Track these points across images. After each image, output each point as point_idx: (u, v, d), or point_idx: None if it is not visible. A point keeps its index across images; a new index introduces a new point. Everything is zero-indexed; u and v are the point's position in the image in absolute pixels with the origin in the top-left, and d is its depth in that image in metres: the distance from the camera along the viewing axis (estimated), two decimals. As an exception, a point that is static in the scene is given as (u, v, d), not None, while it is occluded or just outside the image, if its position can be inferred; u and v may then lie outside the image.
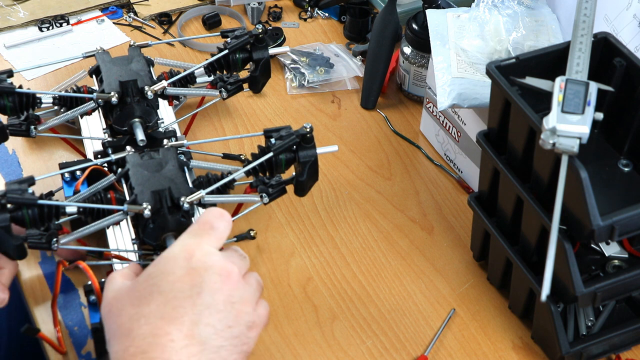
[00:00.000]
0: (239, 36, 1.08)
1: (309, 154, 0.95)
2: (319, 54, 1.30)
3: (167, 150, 0.94)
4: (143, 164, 0.93)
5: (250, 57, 1.09)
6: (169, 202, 0.89)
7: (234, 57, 1.08)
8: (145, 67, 1.05)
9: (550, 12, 1.09)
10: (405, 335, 0.97)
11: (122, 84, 1.01)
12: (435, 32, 1.08)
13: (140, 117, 1.02)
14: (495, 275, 1.00)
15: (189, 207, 0.89)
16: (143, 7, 1.39)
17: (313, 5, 1.40)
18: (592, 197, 0.79)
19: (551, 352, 0.94)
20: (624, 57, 0.91)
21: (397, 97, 1.27)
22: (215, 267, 0.76)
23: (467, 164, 1.12)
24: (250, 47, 1.08)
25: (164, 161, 0.93)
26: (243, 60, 1.09)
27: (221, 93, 1.08)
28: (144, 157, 0.94)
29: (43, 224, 0.89)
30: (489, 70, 0.89)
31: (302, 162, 0.95)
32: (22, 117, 1.04)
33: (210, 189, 0.92)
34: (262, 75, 1.10)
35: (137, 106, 1.02)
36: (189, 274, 0.75)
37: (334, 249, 1.06)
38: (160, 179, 0.91)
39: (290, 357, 0.95)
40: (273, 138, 0.95)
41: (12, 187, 0.89)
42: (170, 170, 0.92)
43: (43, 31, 1.33)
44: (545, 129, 0.81)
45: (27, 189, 0.89)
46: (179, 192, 0.89)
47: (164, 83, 1.03)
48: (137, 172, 0.92)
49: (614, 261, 0.95)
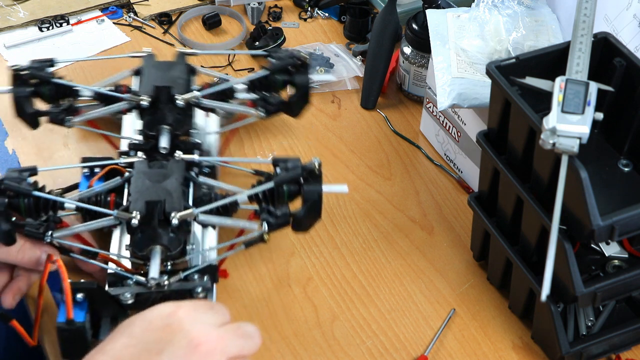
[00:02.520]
0: (282, 58, 1.05)
1: (313, 189, 0.92)
2: (319, 54, 1.30)
3: (176, 162, 0.93)
4: (148, 173, 0.92)
5: (291, 81, 1.05)
6: (161, 214, 0.88)
7: (274, 78, 1.04)
8: (184, 75, 1.03)
9: (550, 12, 1.09)
10: (405, 335, 0.97)
11: (156, 88, 0.99)
12: (435, 32, 1.08)
13: (170, 124, 1.00)
14: (495, 275, 1.00)
15: (178, 223, 0.87)
16: (143, 7, 1.39)
17: (313, 5, 1.40)
18: (592, 197, 0.79)
19: (551, 352, 0.94)
20: (624, 57, 0.91)
21: (397, 97, 1.27)
22: (190, 333, 0.72)
23: (467, 164, 1.12)
24: (293, 69, 1.05)
25: (169, 173, 0.92)
26: (283, 82, 1.05)
27: (259, 111, 1.05)
28: (153, 165, 0.93)
29: (39, 215, 0.90)
30: (489, 70, 0.89)
31: (305, 197, 0.92)
32: (62, 107, 1.03)
33: (203, 209, 0.91)
34: (301, 100, 1.06)
35: (169, 113, 0.99)
36: (163, 329, 0.73)
37: (334, 249, 1.06)
38: (159, 190, 0.90)
39: (290, 357, 0.95)
40: (279, 167, 0.94)
41: (12, 175, 0.90)
42: (171, 182, 0.91)
43: (43, 31, 1.33)
44: (545, 129, 0.81)
45: (27, 178, 0.90)
46: (172, 206, 0.88)
47: (196, 93, 1.01)
48: (139, 179, 0.92)
49: (614, 261, 0.95)
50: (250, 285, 1.01)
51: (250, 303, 0.99)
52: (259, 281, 1.02)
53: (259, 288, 1.01)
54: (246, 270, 1.02)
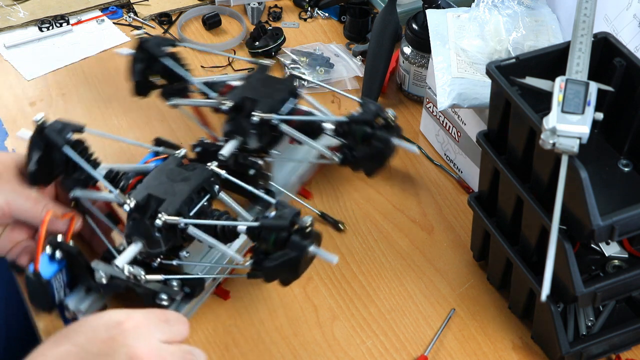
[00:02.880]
0: (367, 110, 1.00)
1: (298, 245, 0.84)
2: (319, 54, 1.30)
3: (202, 170, 0.93)
4: (170, 170, 0.92)
5: (371, 137, 0.99)
6: (154, 211, 0.88)
7: (354, 128, 0.99)
8: (282, 95, 1.02)
9: (550, 12, 1.09)
10: (405, 335, 0.97)
11: (242, 98, 1.00)
12: (435, 32, 1.08)
13: (243, 136, 1.00)
14: (495, 275, 1.00)
15: (161, 224, 0.87)
16: (143, 7, 1.39)
17: (313, 5, 1.40)
18: (592, 197, 0.79)
19: (551, 352, 0.94)
20: (624, 57, 0.91)
21: (397, 97, 1.27)
22: (131, 349, 0.73)
23: (467, 164, 1.12)
24: (378, 126, 0.99)
25: (189, 177, 0.92)
26: (363, 135, 0.99)
27: (334, 156, 1.01)
28: (180, 165, 0.94)
29: (68, 173, 0.94)
30: (489, 70, 0.89)
31: (284, 252, 0.84)
32: (175, 87, 1.08)
33: (192, 221, 0.89)
34: (376, 162, 1.00)
35: (247, 125, 0.99)
36: (105, 341, 0.73)
37: (334, 249, 1.06)
38: (167, 188, 0.90)
39: (290, 357, 0.95)
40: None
41: (56, 125, 0.94)
42: (183, 186, 0.91)
43: (43, 31, 1.33)
44: (545, 129, 0.81)
45: (69, 132, 0.94)
46: (167, 207, 0.88)
47: (273, 116, 1.00)
48: (158, 173, 0.93)
49: (614, 261, 0.95)
50: (251, 285, 1.01)
51: (250, 303, 0.99)
52: (259, 281, 1.01)
53: (259, 288, 1.01)
54: (246, 270, 1.03)
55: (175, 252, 0.93)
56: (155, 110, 1.20)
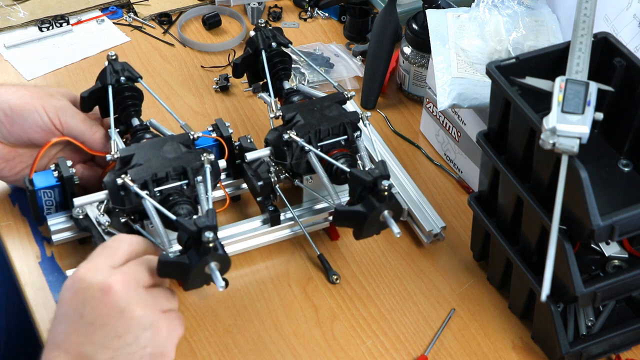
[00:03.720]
0: (369, 172, 0.92)
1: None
2: (319, 54, 1.30)
3: (195, 155, 0.95)
4: (171, 144, 0.95)
5: (365, 200, 0.92)
6: (122, 170, 0.92)
7: (353, 183, 0.94)
8: (329, 123, 1.00)
9: (550, 12, 1.09)
10: (405, 335, 0.97)
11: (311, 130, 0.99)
12: (435, 32, 1.08)
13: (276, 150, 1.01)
14: (495, 275, 1.00)
15: (120, 183, 0.90)
16: (143, 7, 1.39)
17: (313, 5, 1.40)
18: (592, 197, 0.79)
19: (551, 352, 0.94)
20: (624, 57, 0.91)
21: (397, 97, 1.27)
22: (95, 283, 0.79)
23: (467, 164, 1.12)
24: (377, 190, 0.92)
25: (182, 157, 0.94)
26: (360, 194, 0.93)
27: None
28: (187, 144, 0.96)
29: (115, 112, 1.02)
30: (489, 70, 0.89)
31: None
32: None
33: (142, 193, 0.91)
34: (367, 230, 0.94)
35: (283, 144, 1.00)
36: (73, 298, 0.80)
37: (334, 249, 1.06)
38: (154, 157, 0.94)
39: (290, 357, 0.95)
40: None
41: (116, 66, 1.02)
42: (169, 162, 0.93)
43: (43, 31, 1.33)
44: (545, 129, 0.81)
45: (122, 76, 1.01)
46: (136, 172, 0.92)
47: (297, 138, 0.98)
48: (161, 141, 0.97)
49: (614, 261, 0.95)
50: (251, 285, 1.01)
51: (250, 303, 0.99)
52: (259, 281, 1.02)
53: (259, 288, 1.01)
54: (246, 271, 1.02)
55: (142, 218, 0.95)
56: (155, 110, 1.20)
